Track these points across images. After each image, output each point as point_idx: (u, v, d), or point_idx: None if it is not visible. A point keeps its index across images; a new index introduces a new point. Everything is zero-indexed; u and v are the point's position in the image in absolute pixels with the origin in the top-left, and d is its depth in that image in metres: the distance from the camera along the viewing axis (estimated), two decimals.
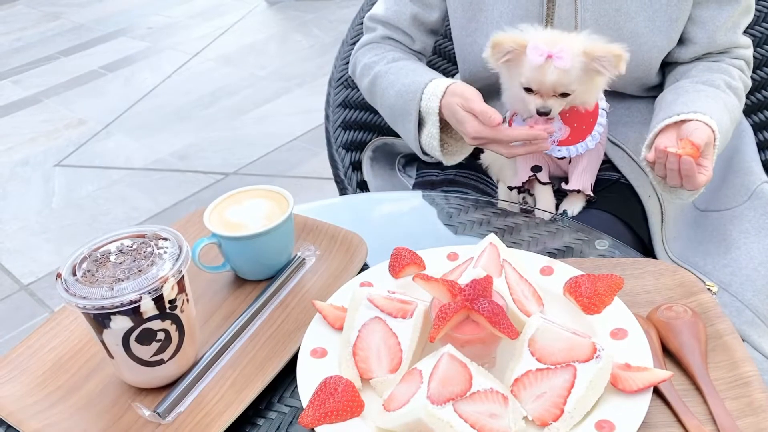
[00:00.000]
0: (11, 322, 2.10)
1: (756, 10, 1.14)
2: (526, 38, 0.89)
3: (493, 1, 1.04)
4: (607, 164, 1.10)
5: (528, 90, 0.92)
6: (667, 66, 1.08)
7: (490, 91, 1.05)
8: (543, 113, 0.92)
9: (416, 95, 1.01)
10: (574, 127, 0.96)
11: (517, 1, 1.02)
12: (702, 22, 1.01)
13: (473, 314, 0.63)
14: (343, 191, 1.31)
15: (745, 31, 1.05)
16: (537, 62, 0.88)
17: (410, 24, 1.13)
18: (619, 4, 0.99)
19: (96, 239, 0.71)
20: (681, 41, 1.04)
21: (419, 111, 1.02)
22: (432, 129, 1.01)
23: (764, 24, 1.18)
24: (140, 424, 0.67)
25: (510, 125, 0.99)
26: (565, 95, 0.92)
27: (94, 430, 0.67)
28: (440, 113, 0.99)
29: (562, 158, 1.01)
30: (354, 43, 1.37)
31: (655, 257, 1.03)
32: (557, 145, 0.97)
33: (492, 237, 0.75)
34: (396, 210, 1.02)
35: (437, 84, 1.00)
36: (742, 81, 1.04)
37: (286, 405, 0.69)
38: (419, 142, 1.05)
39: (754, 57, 1.10)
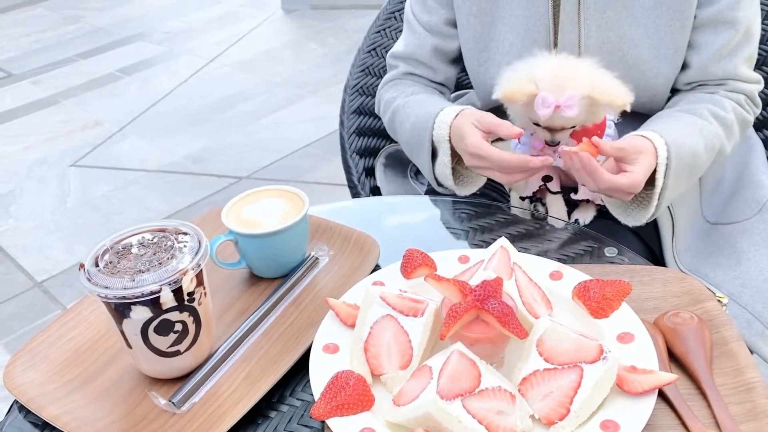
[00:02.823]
0: (24, 319, 2.13)
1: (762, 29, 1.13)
2: (535, 87, 0.90)
3: (503, 33, 1.06)
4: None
5: (536, 123, 0.94)
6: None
7: (503, 111, 1.07)
8: (552, 145, 0.95)
9: (428, 125, 1.01)
10: (582, 141, 0.98)
11: (526, 32, 1.03)
12: (697, 46, 1.01)
13: (483, 314, 0.65)
14: (356, 196, 1.33)
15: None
16: (546, 115, 0.89)
17: (431, 56, 1.14)
18: (623, 30, 1.00)
19: (118, 232, 0.73)
20: None
21: (432, 141, 1.02)
22: (444, 157, 1.00)
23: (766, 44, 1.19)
24: (155, 413, 0.69)
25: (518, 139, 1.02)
26: (573, 127, 0.94)
27: (110, 417, 0.69)
28: (450, 140, 0.99)
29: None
30: (369, 51, 1.40)
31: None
32: None
33: (503, 241, 0.77)
34: (408, 214, 1.04)
35: (447, 112, 1.00)
36: (736, 113, 1.00)
37: (297, 399, 0.71)
38: (434, 173, 1.05)
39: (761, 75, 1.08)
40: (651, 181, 0.91)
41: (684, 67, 1.03)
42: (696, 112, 0.98)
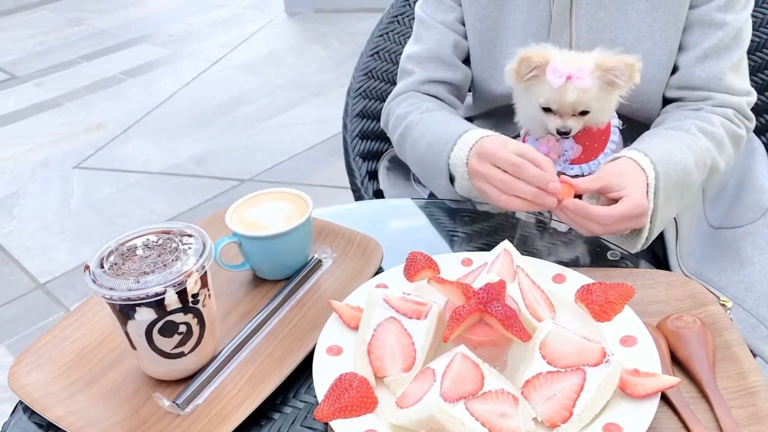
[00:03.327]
0: (27, 320, 2.14)
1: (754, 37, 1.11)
2: (549, 54, 0.90)
3: (507, 38, 1.06)
4: None
5: (546, 110, 0.94)
6: None
7: (502, 112, 1.06)
8: (563, 133, 0.93)
9: (447, 146, 0.95)
10: (586, 146, 0.98)
11: (526, 37, 1.02)
12: (684, 47, 1.00)
13: (486, 317, 0.65)
14: (359, 199, 1.33)
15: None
16: (557, 83, 0.88)
17: (452, 51, 1.10)
18: (614, 33, 0.99)
19: (123, 234, 0.73)
20: None
21: (448, 164, 0.95)
22: (462, 182, 0.94)
23: (765, 51, 1.19)
24: (159, 414, 0.69)
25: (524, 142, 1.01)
26: (584, 113, 0.93)
27: (114, 418, 0.69)
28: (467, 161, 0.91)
29: (575, 176, 1.02)
30: (373, 55, 1.40)
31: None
32: (569, 164, 0.99)
33: (506, 244, 0.77)
34: (411, 217, 1.04)
35: (472, 134, 0.93)
36: (725, 128, 0.97)
37: (300, 401, 0.71)
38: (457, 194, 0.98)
39: (759, 81, 1.07)
40: None
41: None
42: (682, 128, 0.95)
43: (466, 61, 1.14)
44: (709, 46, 0.98)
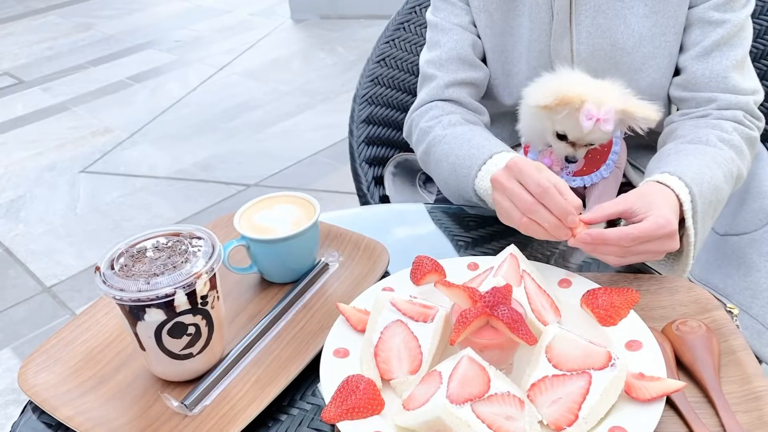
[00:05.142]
0: (33, 323, 2.14)
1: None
2: (583, 94, 0.87)
3: (512, 44, 1.07)
4: (629, 187, 1.11)
5: (560, 137, 0.93)
6: None
7: (505, 117, 1.07)
8: (571, 161, 0.95)
9: (471, 171, 0.93)
10: (588, 158, 0.98)
11: (530, 43, 1.04)
12: (686, 47, 1.00)
13: (493, 320, 0.65)
14: (365, 205, 1.34)
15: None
16: (588, 127, 0.87)
17: (472, 51, 1.10)
18: (614, 38, 0.99)
19: (133, 236, 0.74)
20: None
21: (474, 189, 0.93)
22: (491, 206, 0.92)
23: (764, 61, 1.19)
24: (168, 415, 0.70)
25: (525, 154, 1.02)
26: (591, 144, 0.94)
27: (123, 418, 0.70)
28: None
29: (577, 187, 1.03)
30: (379, 61, 1.41)
31: None
32: (572, 176, 0.99)
33: (512, 248, 0.78)
34: (417, 221, 1.04)
35: (496, 162, 0.91)
36: (739, 133, 0.95)
37: (307, 402, 0.72)
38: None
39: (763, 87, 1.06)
40: None
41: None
42: (701, 140, 0.92)
43: (484, 61, 1.14)
44: (709, 43, 0.97)
